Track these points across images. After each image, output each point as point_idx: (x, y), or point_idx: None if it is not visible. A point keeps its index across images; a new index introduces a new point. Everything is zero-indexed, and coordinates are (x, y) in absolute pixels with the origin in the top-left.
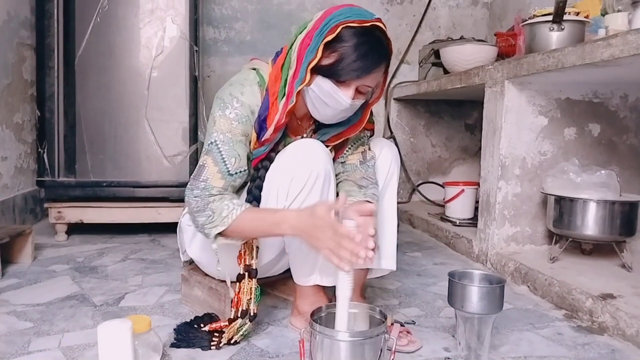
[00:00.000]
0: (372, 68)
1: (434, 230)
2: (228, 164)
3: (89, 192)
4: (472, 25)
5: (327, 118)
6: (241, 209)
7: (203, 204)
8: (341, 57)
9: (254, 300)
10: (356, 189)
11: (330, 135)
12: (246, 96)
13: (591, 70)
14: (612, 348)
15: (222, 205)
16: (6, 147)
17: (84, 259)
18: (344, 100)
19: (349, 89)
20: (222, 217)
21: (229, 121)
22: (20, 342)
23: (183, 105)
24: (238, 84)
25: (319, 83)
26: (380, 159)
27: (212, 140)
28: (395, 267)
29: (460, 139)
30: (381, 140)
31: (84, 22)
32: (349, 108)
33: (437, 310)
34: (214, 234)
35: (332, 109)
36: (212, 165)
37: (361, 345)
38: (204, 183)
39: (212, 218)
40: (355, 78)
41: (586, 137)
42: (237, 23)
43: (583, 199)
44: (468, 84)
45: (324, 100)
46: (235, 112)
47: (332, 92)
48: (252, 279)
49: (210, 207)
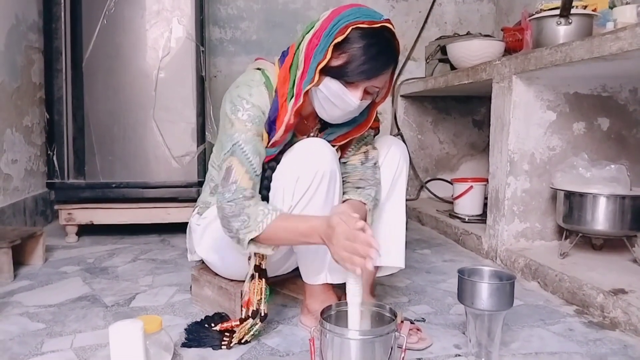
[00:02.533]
0: (381, 70)
1: (443, 227)
2: (254, 162)
3: (99, 194)
4: (479, 20)
5: (335, 118)
6: (276, 214)
7: (238, 209)
8: (350, 58)
9: (264, 301)
10: (353, 190)
11: (337, 135)
12: (255, 97)
13: (600, 64)
14: (624, 343)
15: (257, 210)
16: (16, 149)
17: (95, 260)
18: (352, 102)
19: (357, 90)
20: (257, 222)
21: (242, 123)
22: (33, 343)
23: (190, 105)
24: (245, 86)
25: (328, 84)
26: (388, 157)
27: (235, 142)
28: (404, 265)
29: (468, 135)
30: (388, 138)
31: (91, 24)
32: (357, 109)
33: (447, 307)
34: (249, 239)
35: (340, 110)
36: (239, 165)
37: (371, 343)
38: (235, 185)
39: (247, 223)
40: (365, 80)
41: (595, 132)
42: (243, 23)
43: (593, 194)
44: (475, 80)
45: (332, 101)
46: (247, 113)
47: (341, 93)
48: (262, 279)
49: (245, 212)
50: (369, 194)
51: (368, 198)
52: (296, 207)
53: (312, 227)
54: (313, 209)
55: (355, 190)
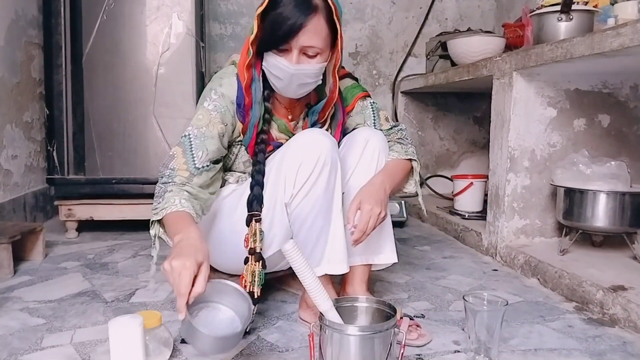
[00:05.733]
0: (300, 22)
1: (443, 224)
2: (195, 157)
3: (99, 190)
4: (480, 16)
5: (289, 91)
6: (176, 209)
7: (162, 191)
8: (272, 23)
9: (257, 283)
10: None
11: (318, 111)
12: (225, 87)
13: (600, 61)
14: (624, 340)
15: (173, 198)
16: (16, 145)
17: (95, 256)
18: (287, 67)
19: (290, 54)
20: (164, 208)
21: (207, 112)
22: (33, 338)
23: (190, 101)
24: (217, 78)
25: (267, 59)
26: (365, 154)
27: (186, 134)
28: (397, 259)
29: (468, 131)
30: (364, 131)
31: (91, 20)
32: (300, 74)
33: (447, 303)
34: (153, 219)
35: (283, 80)
36: (181, 156)
37: (371, 339)
38: (170, 171)
39: (159, 204)
40: (290, 39)
41: (596, 128)
42: (243, 18)
43: (593, 191)
44: (476, 76)
45: (274, 74)
46: (213, 103)
47: (276, 62)
48: (257, 261)
49: (165, 196)
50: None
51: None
52: (297, 195)
53: (176, 234)
54: (313, 198)
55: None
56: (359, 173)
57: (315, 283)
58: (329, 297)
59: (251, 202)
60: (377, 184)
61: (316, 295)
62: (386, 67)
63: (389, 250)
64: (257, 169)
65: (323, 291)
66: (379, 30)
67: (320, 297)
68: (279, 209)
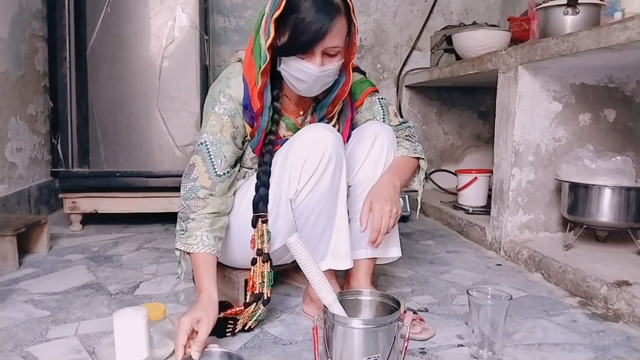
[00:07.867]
0: (326, 27)
1: (447, 219)
2: (215, 164)
3: (103, 183)
4: (485, 10)
5: (310, 91)
6: (200, 250)
7: (185, 216)
8: (293, 27)
9: (266, 284)
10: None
11: (327, 106)
12: (232, 89)
13: (607, 55)
14: (628, 335)
15: (196, 233)
16: (20, 138)
17: (99, 249)
18: (313, 71)
19: (314, 56)
20: (188, 243)
21: (219, 117)
22: (38, 330)
23: (194, 94)
24: (225, 79)
25: (286, 63)
26: (375, 148)
27: (202, 141)
28: (401, 254)
29: (473, 126)
30: (374, 125)
31: (95, 12)
32: (323, 75)
33: (450, 297)
34: (178, 247)
35: (306, 83)
36: (201, 164)
37: (374, 333)
38: (193, 182)
39: (184, 234)
40: (314, 44)
41: (601, 123)
42: (247, 11)
43: (598, 186)
44: (481, 70)
45: (296, 77)
46: (223, 107)
47: (300, 66)
48: (265, 262)
49: (189, 226)
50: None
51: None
52: (302, 191)
53: (202, 288)
54: (318, 193)
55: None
56: (367, 166)
57: (319, 276)
58: (332, 291)
59: (257, 203)
60: (386, 182)
61: (320, 288)
62: (390, 61)
63: (394, 244)
64: (264, 170)
65: (327, 284)
66: (383, 23)
67: (324, 291)
68: (283, 204)
